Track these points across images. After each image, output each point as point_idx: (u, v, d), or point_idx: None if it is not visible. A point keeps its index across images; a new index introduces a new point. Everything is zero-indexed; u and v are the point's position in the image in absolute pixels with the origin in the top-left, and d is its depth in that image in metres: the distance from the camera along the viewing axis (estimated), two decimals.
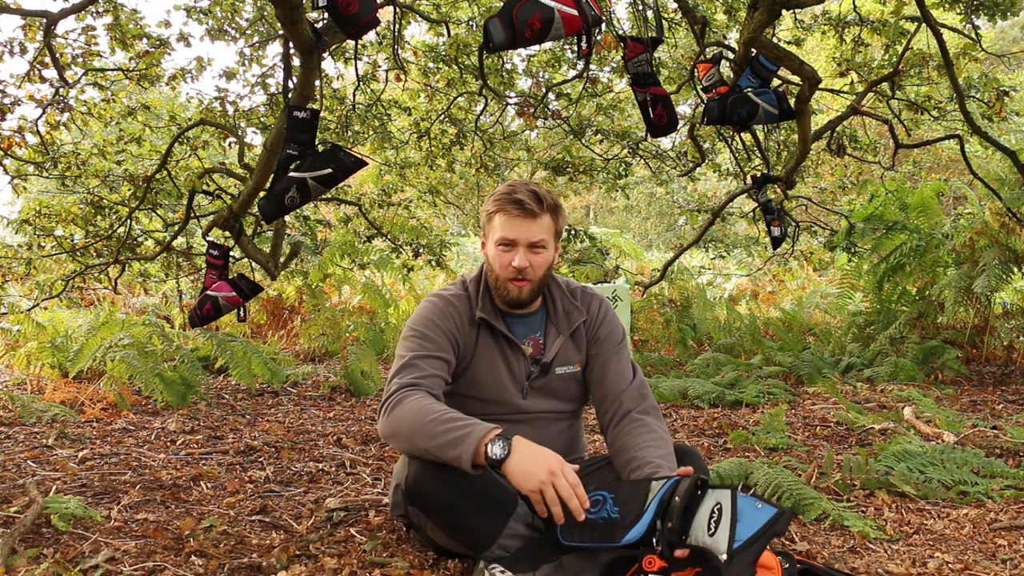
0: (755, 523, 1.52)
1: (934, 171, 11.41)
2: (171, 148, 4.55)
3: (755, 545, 1.50)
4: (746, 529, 1.52)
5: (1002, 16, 4.20)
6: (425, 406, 1.77)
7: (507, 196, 1.92)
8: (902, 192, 6.16)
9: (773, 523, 1.52)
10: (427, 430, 1.72)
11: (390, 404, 1.82)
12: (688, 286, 7.77)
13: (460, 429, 1.69)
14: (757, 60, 3.34)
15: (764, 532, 1.51)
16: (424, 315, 1.98)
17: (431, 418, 1.73)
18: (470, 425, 1.70)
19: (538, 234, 1.93)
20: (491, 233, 1.97)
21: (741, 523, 1.53)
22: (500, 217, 1.93)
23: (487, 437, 1.67)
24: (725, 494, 1.58)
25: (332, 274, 7.50)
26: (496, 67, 5.37)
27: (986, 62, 6.77)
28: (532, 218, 1.91)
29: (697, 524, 1.57)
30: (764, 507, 1.55)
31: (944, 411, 3.66)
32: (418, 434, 1.73)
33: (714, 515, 1.56)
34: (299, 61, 3.01)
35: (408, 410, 1.77)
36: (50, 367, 4.83)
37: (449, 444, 1.68)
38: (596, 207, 20.99)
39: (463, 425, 1.70)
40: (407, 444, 1.79)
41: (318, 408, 4.25)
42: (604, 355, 2.06)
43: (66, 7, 3.36)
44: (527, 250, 1.93)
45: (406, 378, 1.86)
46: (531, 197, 1.91)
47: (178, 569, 1.80)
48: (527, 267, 1.93)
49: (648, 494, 1.65)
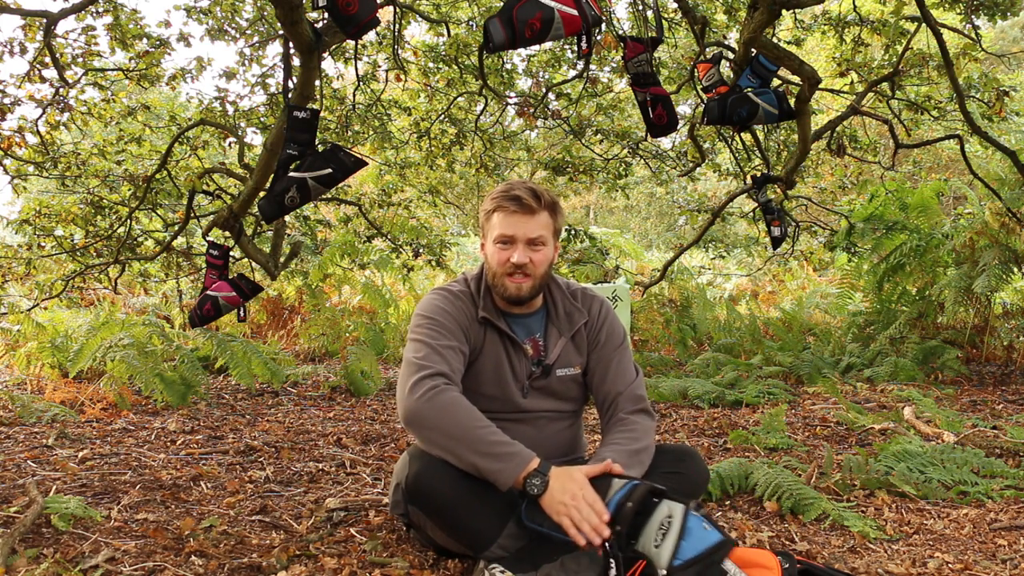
0: (699, 545, 1.53)
1: (934, 171, 11.41)
2: (171, 148, 4.55)
3: (694, 568, 1.51)
4: (689, 549, 1.53)
5: (1002, 16, 4.20)
6: (470, 409, 1.77)
7: (505, 193, 1.93)
8: (902, 192, 6.16)
9: (714, 550, 1.53)
10: (474, 437, 1.72)
11: (426, 390, 1.76)
12: (688, 286, 7.77)
13: (507, 447, 1.72)
14: (757, 60, 3.34)
15: (704, 557, 1.52)
16: (437, 304, 1.97)
17: (473, 423, 1.74)
18: (515, 448, 1.72)
19: (536, 230, 1.93)
20: (490, 231, 1.97)
21: (686, 541, 1.53)
22: (498, 215, 1.94)
23: (528, 469, 1.69)
24: (678, 508, 1.58)
25: (332, 274, 7.50)
26: (496, 67, 5.37)
27: (986, 62, 6.77)
28: (530, 214, 1.92)
29: (647, 532, 1.57)
30: (711, 531, 1.56)
31: (944, 411, 3.66)
32: (455, 432, 1.73)
33: (663, 526, 1.56)
34: (299, 61, 3.01)
35: (452, 409, 1.75)
36: (50, 367, 4.83)
37: (495, 457, 1.70)
38: (596, 207, 20.99)
39: (509, 445, 1.72)
40: (442, 439, 1.75)
41: (318, 408, 4.25)
42: (606, 357, 2.06)
43: (66, 7, 3.36)
44: (526, 247, 1.93)
45: (436, 365, 1.82)
46: (529, 194, 1.92)
47: (178, 569, 1.80)
48: (526, 263, 1.93)
49: (608, 491, 1.66)
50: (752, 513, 2.36)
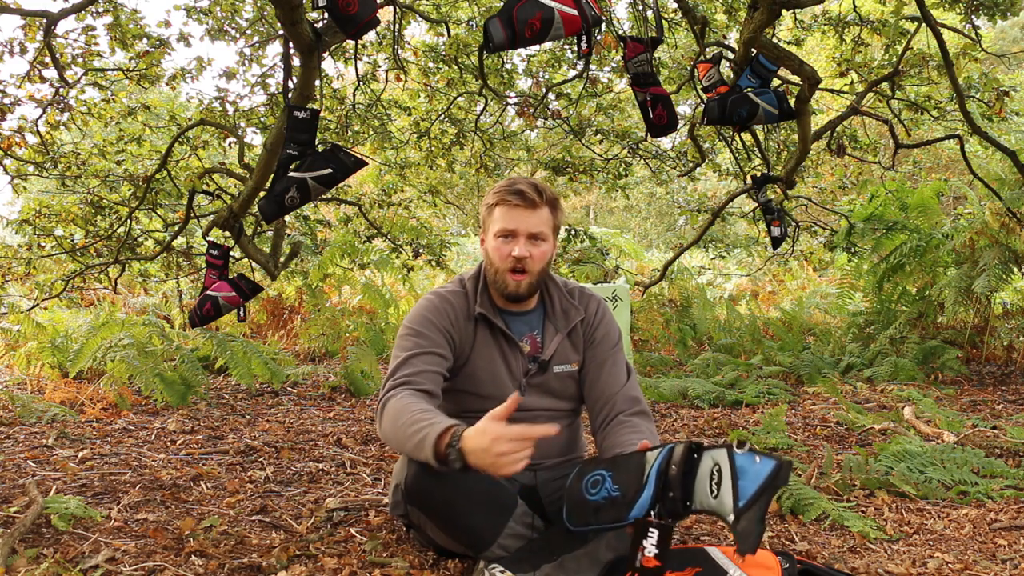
0: (758, 477, 1.44)
1: (934, 171, 11.41)
2: (171, 148, 4.55)
3: (761, 499, 1.42)
4: (750, 485, 1.44)
5: (1002, 16, 4.20)
6: (401, 407, 1.76)
7: (507, 188, 1.94)
8: (902, 192, 6.16)
9: (775, 475, 1.43)
10: (400, 433, 1.73)
11: (380, 406, 1.83)
12: (688, 286, 7.77)
13: (421, 431, 1.66)
14: (757, 60, 3.34)
15: (768, 485, 1.42)
16: (419, 313, 1.99)
17: (402, 420, 1.73)
18: (426, 427, 1.66)
19: (537, 225, 1.94)
20: (491, 225, 1.97)
21: (743, 480, 1.45)
22: (500, 209, 1.94)
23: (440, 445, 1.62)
24: (722, 453, 1.50)
25: (332, 274, 7.49)
26: (496, 67, 5.37)
27: (986, 62, 6.76)
28: (532, 208, 1.93)
29: (699, 489, 1.52)
30: (763, 460, 1.45)
31: (944, 411, 3.66)
32: (395, 438, 1.76)
33: (714, 477, 1.49)
34: (299, 61, 3.00)
35: (388, 413, 1.78)
36: (50, 367, 4.83)
37: (417, 446, 1.66)
38: (596, 207, 21.00)
39: (424, 429, 1.66)
40: (394, 446, 1.82)
41: (318, 408, 4.25)
42: (600, 357, 2.06)
43: (66, 7, 3.36)
44: (527, 241, 1.94)
45: (396, 379, 1.87)
46: (531, 188, 1.93)
47: (178, 569, 1.80)
48: (527, 257, 1.93)
49: (645, 465, 1.60)
50: None
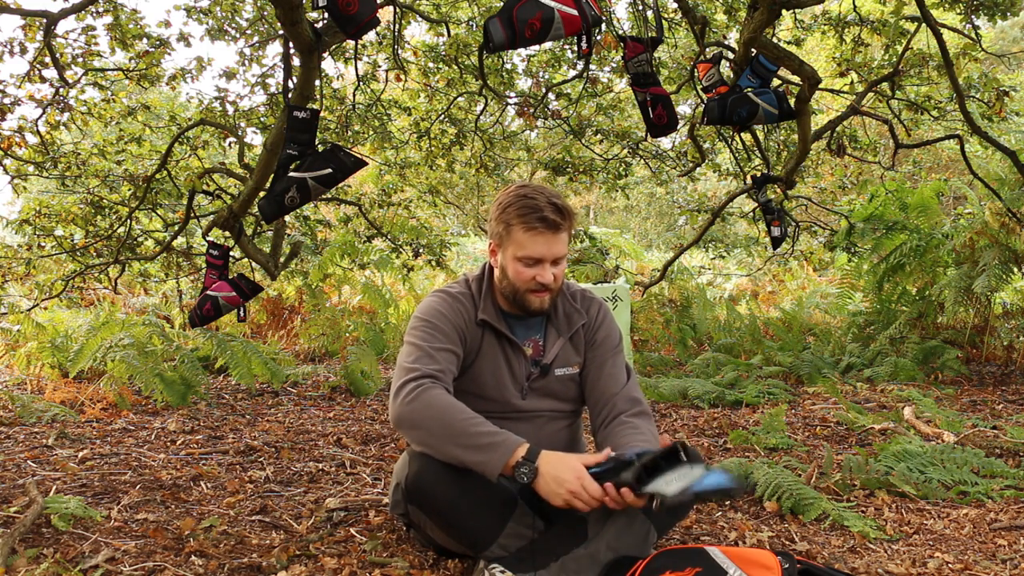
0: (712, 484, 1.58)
1: (934, 171, 11.42)
2: (171, 148, 4.55)
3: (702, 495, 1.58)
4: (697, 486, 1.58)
5: (1002, 16, 4.20)
6: (450, 404, 1.75)
7: (532, 212, 1.86)
8: (902, 192, 6.16)
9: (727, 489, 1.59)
10: (451, 429, 1.70)
11: (409, 392, 1.76)
12: (688, 286, 7.77)
13: (491, 436, 1.69)
14: (757, 60, 3.34)
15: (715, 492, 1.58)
16: (434, 307, 1.96)
17: (459, 418, 1.72)
18: (500, 438, 1.70)
19: (561, 249, 1.91)
20: (509, 245, 1.91)
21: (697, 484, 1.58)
22: (524, 233, 1.88)
23: (515, 457, 1.67)
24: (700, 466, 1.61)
25: (332, 274, 7.50)
26: (496, 67, 5.37)
27: (986, 62, 6.77)
28: (556, 232, 1.88)
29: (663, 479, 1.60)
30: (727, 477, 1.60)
31: (944, 411, 3.66)
32: (439, 431, 1.72)
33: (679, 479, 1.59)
34: (299, 61, 3.01)
35: (434, 405, 1.74)
36: (50, 367, 4.83)
37: (478, 449, 1.68)
38: (596, 207, 20.99)
39: (493, 435, 1.70)
40: (427, 438, 1.75)
41: (318, 408, 4.25)
42: (600, 358, 2.06)
43: (66, 7, 3.37)
44: (551, 265, 1.92)
45: (424, 367, 1.82)
46: (553, 211, 1.87)
47: (178, 569, 1.80)
48: (551, 281, 1.92)
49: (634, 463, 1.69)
50: (752, 513, 2.36)
